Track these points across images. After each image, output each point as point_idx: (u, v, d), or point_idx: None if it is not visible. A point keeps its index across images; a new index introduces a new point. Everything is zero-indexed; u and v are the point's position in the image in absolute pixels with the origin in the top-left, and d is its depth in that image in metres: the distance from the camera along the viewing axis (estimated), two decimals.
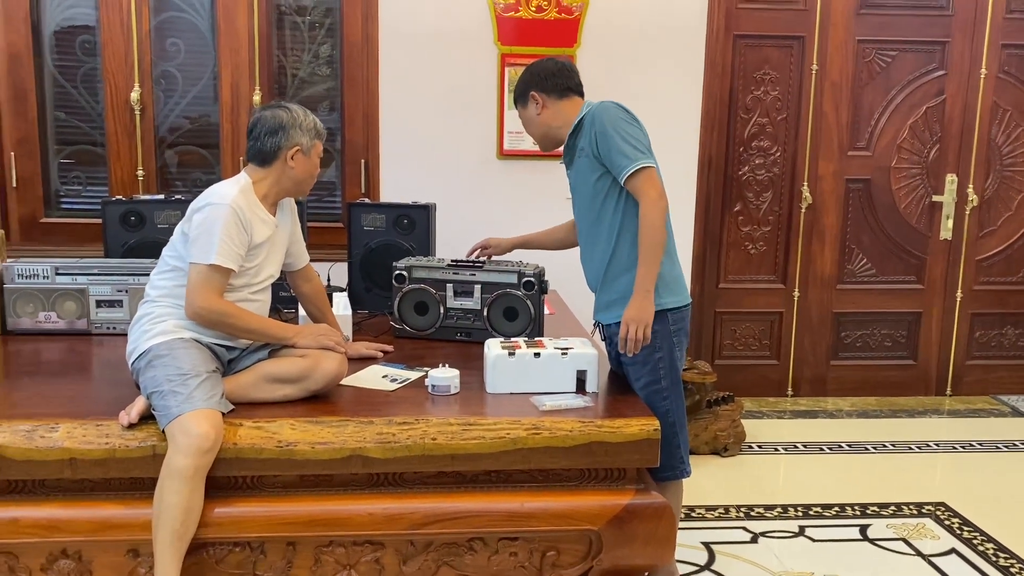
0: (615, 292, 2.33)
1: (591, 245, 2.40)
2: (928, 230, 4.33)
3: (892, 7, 4.11)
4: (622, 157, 2.22)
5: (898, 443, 3.82)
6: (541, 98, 2.39)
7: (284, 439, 1.96)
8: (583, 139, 2.33)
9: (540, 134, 2.47)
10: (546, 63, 2.44)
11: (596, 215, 2.34)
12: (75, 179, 3.87)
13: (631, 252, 2.27)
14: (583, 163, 2.34)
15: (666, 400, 2.29)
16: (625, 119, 2.27)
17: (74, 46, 3.75)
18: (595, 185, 2.32)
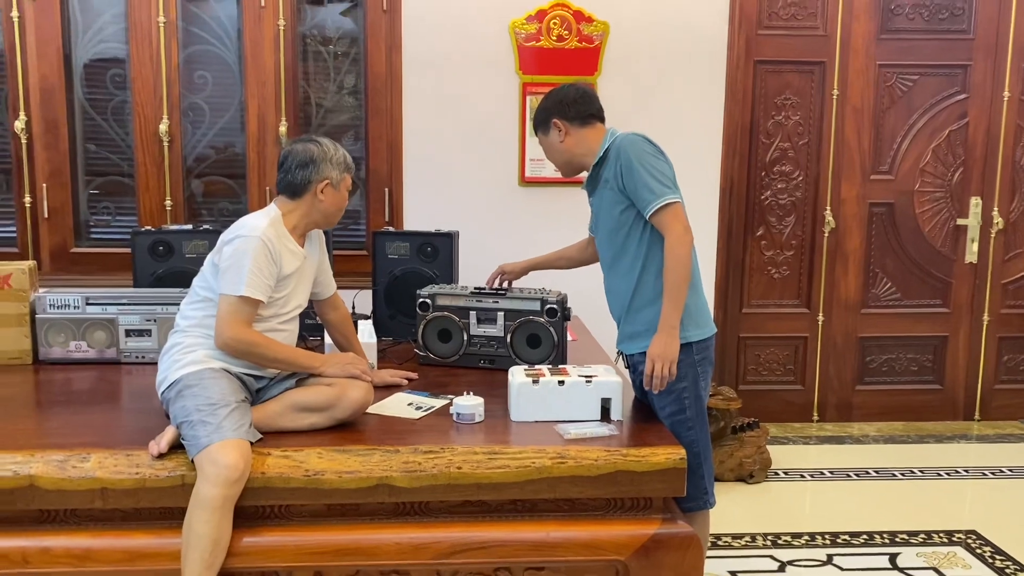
0: (639, 324, 2.33)
1: (614, 276, 2.40)
2: (953, 253, 4.30)
3: (913, 32, 4.12)
4: (648, 192, 2.22)
5: (926, 469, 3.78)
6: (563, 125, 2.38)
7: (311, 468, 1.98)
8: (608, 170, 2.33)
9: (563, 161, 2.47)
10: (567, 90, 2.43)
11: (620, 246, 2.34)
12: (104, 209, 3.94)
13: (655, 284, 2.27)
14: (607, 194, 2.34)
15: (691, 431, 2.28)
16: (651, 152, 2.27)
17: (105, 79, 3.84)
18: (619, 217, 2.31)
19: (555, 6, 3.80)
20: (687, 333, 2.25)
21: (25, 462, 1.94)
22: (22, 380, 2.62)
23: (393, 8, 3.75)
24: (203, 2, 3.82)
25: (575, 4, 3.80)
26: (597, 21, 3.82)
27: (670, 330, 2.20)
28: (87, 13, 3.79)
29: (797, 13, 4.07)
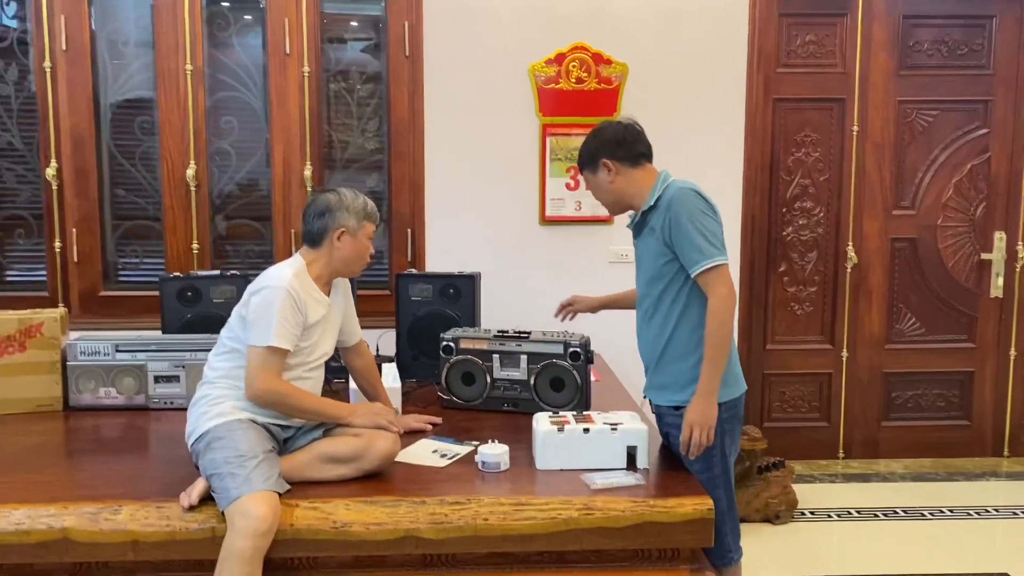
0: (669, 376, 2.33)
1: (648, 320, 2.38)
2: (978, 288, 4.27)
3: (932, 68, 4.13)
4: (696, 252, 2.20)
5: (956, 508, 3.73)
6: (613, 165, 2.35)
7: (339, 520, 1.99)
8: (656, 218, 2.29)
9: (611, 201, 2.43)
10: (615, 129, 2.39)
11: (658, 295, 2.32)
12: (132, 252, 4.01)
13: (689, 339, 2.27)
14: (652, 243, 2.31)
15: (717, 488, 2.25)
16: (704, 210, 2.24)
17: (133, 126, 3.92)
18: (661, 268, 2.29)
19: (574, 49, 3.84)
20: (724, 391, 2.24)
21: (58, 515, 1.97)
22: (53, 427, 2.66)
23: (415, 53, 3.82)
24: (229, 49, 3.91)
25: (594, 47, 3.84)
26: (616, 63, 3.86)
27: (709, 395, 2.18)
28: (117, 62, 3.88)
29: (815, 51, 4.09)
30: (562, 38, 3.85)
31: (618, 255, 3.94)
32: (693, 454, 2.20)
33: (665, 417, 2.35)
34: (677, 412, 2.29)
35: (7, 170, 3.91)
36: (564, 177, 3.89)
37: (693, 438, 2.18)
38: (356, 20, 4.01)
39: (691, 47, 3.89)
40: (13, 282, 3.98)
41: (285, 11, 3.79)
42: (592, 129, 2.45)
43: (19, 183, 3.92)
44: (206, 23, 3.84)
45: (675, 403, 2.30)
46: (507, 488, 2.12)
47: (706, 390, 2.18)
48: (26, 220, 3.93)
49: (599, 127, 2.43)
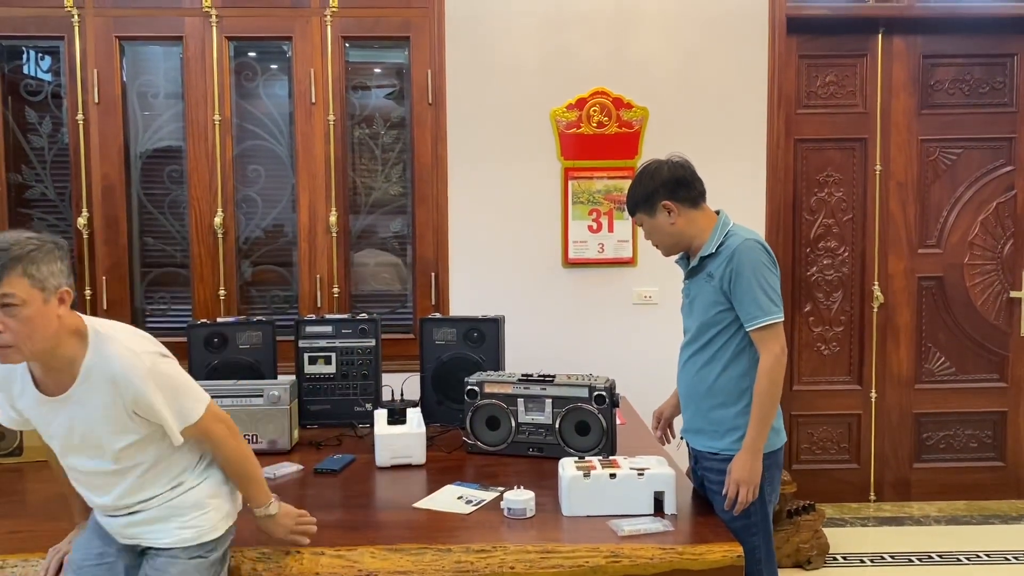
0: (707, 422, 2.31)
1: (693, 365, 2.35)
2: (1008, 326, 4.22)
3: (954, 106, 4.13)
4: (756, 307, 2.18)
5: (992, 553, 3.64)
6: (675, 207, 2.30)
7: (365, 568, 1.98)
8: (716, 265, 2.26)
9: (670, 244, 2.37)
10: (673, 169, 2.33)
11: (706, 340, 2.30)
12: (160, 299, 4.06)
13: (734, 387, 2.25)
14: (708, 289, 2.28)
15: (754, 536, 2.22)
16: (767, 265, 2.22)
17: (162, 175, 3.99)
18: (714, 316, 2.27)
19: (595, 94, 3.88)
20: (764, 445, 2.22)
21: None
22: None
23: (438, 101, 3.88)
24: (256, 100, 3.99)
25: (614, 91, 3.89)
26: (636, 107, 3.89)
27: (754, 454, 2.17)
28: (147, 113, 3.97)
29: (836, 92, 4.11)
30: (583, 83, 3.89)
31: (642, 297, 3.94)
32: (737, 511, 2.19)
33: (702, 460, 2.34)
34: (715, 457, 2.28)
35: (39, 219, 3.99)
36: (587, 220, 3.90)
37: (740, 496, 2.16)
38: (380, 67, 4.08)
39: (711, 90, 3.92)
40: None
41: (311, 61, 3.87)
42: (642, 169, 2.38)
43: (51, 232, 3.98)
44: (234, 74, 3.93)
45: (713, 449, 2.29)
46: (533, 535, 2.10)
47: (753, 448, 2.17)
48: None
49: (651, 167, 2.36)
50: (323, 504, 2.36)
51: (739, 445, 2.22)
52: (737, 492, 2.18)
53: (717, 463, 2.27)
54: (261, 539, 2.05)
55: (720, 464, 2.27)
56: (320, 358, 3.20)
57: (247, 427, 2.80)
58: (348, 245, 4.01)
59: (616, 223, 3.91)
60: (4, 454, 2.76)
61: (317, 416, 3.19)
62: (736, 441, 2.24)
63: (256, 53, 4.00)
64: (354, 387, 3.21)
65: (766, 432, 2.18)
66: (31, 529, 2.18)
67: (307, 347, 3.20)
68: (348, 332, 3.21)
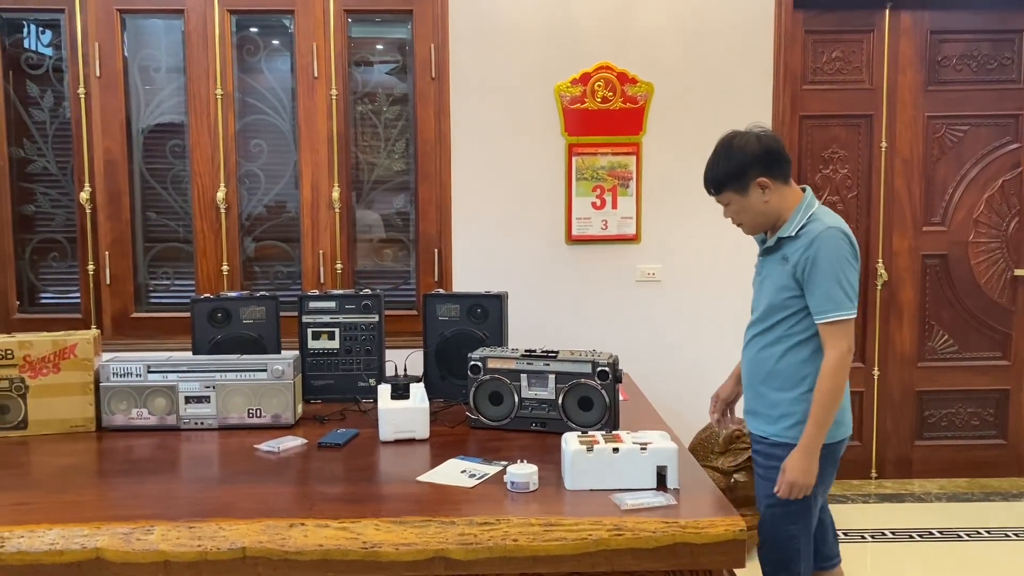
0: (764, 405, 2.26)
1: (755, 342, 2.29)
2: (1012, 304, 4.21)
3: (961, 83, 4.10)
4: (829, 301, 2.08)
5: (993, 530, 3.66)
6: (771, 183, 2.16)
7: (369, 540, 1.99)
8: (793, 250, 2.15)
9: (760, 223, 2.24)
10: (764, 141, 2.18)
11: (772, 323, 2.23)
12: (163, 274, 4.06)
13: (794, 373, 2.19)
14: (781, 272, 2.18)
15: (794, 524, 2.17)
16: (849, 258, 2.11)
17: (164, 150, 3.98)
18: (784, 301, 2.18)
19: (599, 69, 3.86)
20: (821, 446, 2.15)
21: (92, 535, 1.99)
22: (86, 448, 2.68)
23: (441, 76, 3.85)
24: (258, 74, 3.97)
25: (619, 66, 3.86)
26: (641, 82, 3.87)
27: (811, 454, 2.09)
28: (149, 88, 3.95)
29: (842, 67, 4.08)
30: (587, 58, 3.87)
31: (645, 274, 3.94)
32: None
33: (754, 444, 2.33)
34: (764, 442, 2.25)
35: (42, 194, 3.99)
36: (590, 196, 3.89)
37: (792, 494, 2.11)
38: (382, 43, 4.06)
39: (716, 65, 3.89)
40: (47, 304, 4.05)
41: (313, 36, 3.84)
42: (725, 143, 2.23)
43: (54, 207, 3.99)
44: (236, 48, 3.91)
45: (764, 433, 2.25)
46: (536, 509, 2.11)
47: (809, 448, 2.09)
48: (60, 243, 4.01)
49: (738, 140, 2.19)
50: (327, 477, 2.37)
51: (791, 433, 2.17)
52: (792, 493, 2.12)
53: (766, 447, 2.22)
54: (263, 512, 2.06)
55: (769, 449, 2.22)
56: (323, 333, 3.20)
57: (251, 402, 2.81)
58: (351, 221, 4.00)
59: (620, 199, 3.90)
60: (9, 427, 2.77)
61: (321, 391, 3.19)
62: (789, 428, 2.19)
63: (258, 28, 3.97)
64: (357, 362, 3.21)
65: (824, 433, 2.09)
66: (36, 501, 2.19)
67: (310, 322, 3.20)
68: (351, 308, 3.20)
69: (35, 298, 4.05)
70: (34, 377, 2.79)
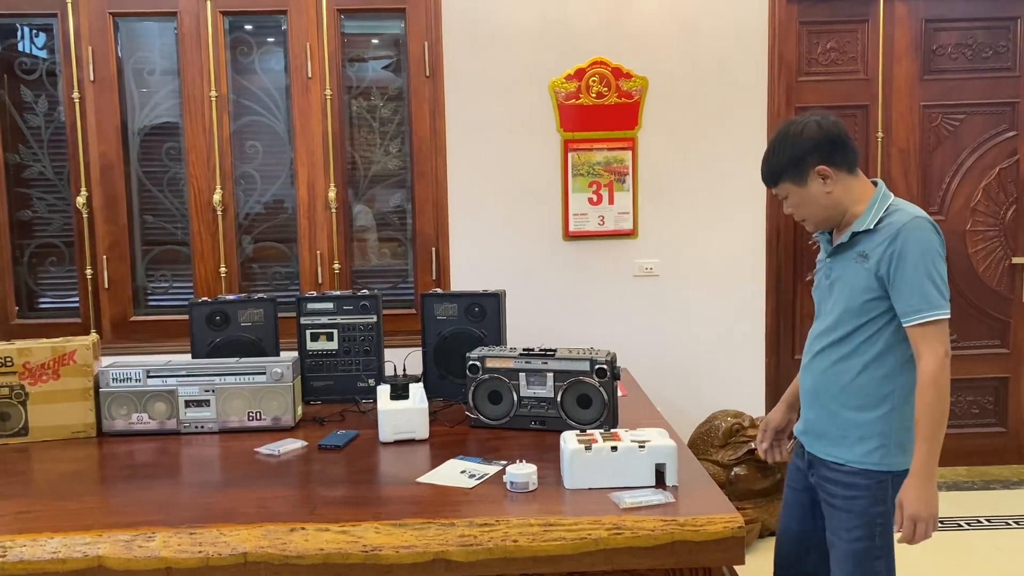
0: (839, 427, 2.07)
1: (826, 355, 2.09)
2: (1010, 292, 4.21)
3: (956, 71, 4.09)
4: (921, 300, 1.91)
5: (993, 518, 3.67)
6: (833, 172, 1.99)
7: (369, 543, 1.99)
8: (873, 245, 1.97)
9: (824, 217, 2.06)
10: (826, 127, 2.00)
11: (849, 332, 2.03)
12: (161, 277, 4.06)
13: (876, 389, 2.01)
14: (859, 271, 2.00)
15: (877, 560, 2.02)
16: (939, 251, 1.94)
17: (160, 152, 3.98)
18: (864, 304, 1.99)
19: (594, 64, 3.85)
20: (902, 459, 1.99)
21: (93, 543, 1.99)
22: (87, 454, 2.69)
23: (435, 74, 3.85)
24: (252, 75, 3.96)
25: (613, 61, 3.85)
26: (636, 76, 3.86)
27: (928, 479, 1.88)
28: (144, 90, 3.95)
29: (837, 58, 4.07)
30: (581, 54, 3.86)
31: (643, 269, 3.94)
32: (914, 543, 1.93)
33: (819, 469, 2.13)
34: (840, 469, 2.06)
35: (39, 199, 3.99)
36: (587, 192, 3.89)
37: (917, 532, 1.89)
38: (377, 38, 4.05)
39: (711, 58, 3.89)
40: (46, 309, 4.06)
41: (306, 35, 3.84)
42: (783, 130, 2.06)
43: (50, 212, 3.99)
44: (229, 49, 3.90)
45: (839, 460, 2.07)
46: (536, 508, 2.12)
47: (926, 473, 1.88)
48: (58, 248, 4.01)
49: (796, 127, 2.02)
50: (327, 480, 2.37)
51: (873, 458, 2.02)
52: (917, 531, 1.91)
53: (844, 475, 2.04)
54: (264, 516, 2.06)
55: (847, 478, 2.04)
56: (322, 335, 3.21)
57: (251, 405, 2.82)
58: (348, 220, 4.00)
59: (616, 195, 3.89)
60: (10, 434, 2.78)
61: (320, 392, 3.20)
62: (870, 452, 2.02)
63: (252, 26, 3.96)
64: (356, 363, 3.21)
65: (938, 452, 1.89)
66: (38, 509, 2.20)
67: (309, 324, 3.20)
68: (349, 308, 3.21)
69: (34, 303, 4.05)
70: (34, 384, 2.79)
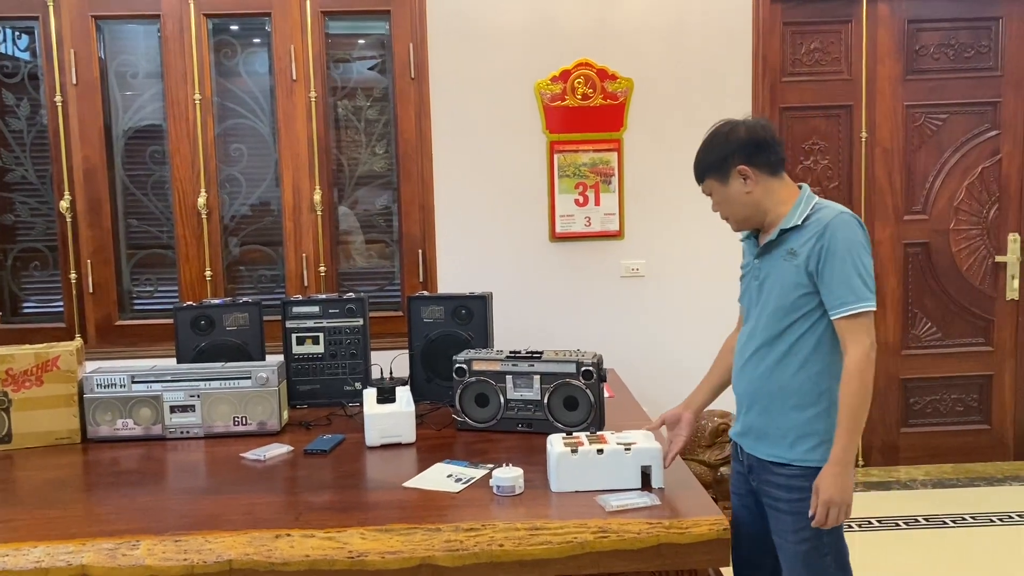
0: (777, 427, 2.07)
1: (761, 356, 2.09)
2: (993, 291, 4.24)
3: (939, 71, 4.12)
4: (848, 291, 1.92)
5: (978, 515, 3.69)
6: (752, 173, 2.04)
7: (355, 549, 1.99)
8: (801, 242, 1.99)
9: (744, 216, 2.11)
10: (752, 129, 2.07)
11: (781, 330, 2.04)
12: (147, 281, 4.04)
13: (813, 387, 2.02)
14: (788, 269, 2.01)
15: (825, 556, 2.03)
16: (864, 246, 1.96)
17: (144, 155, 3.96)
18: (795, 301, 2.00)
19: (579, 65, 3.85)
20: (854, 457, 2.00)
21: (77, 552, 1.98)
22: (71, 461, 2.67)
23: (420, 75, 3.84)
24: (236, 77, 3.94)
25: (598, 63, 3.86)
26: (621, 78, 3.86)
27: (846, 467, 1.92)
28: (127, 94, 3.93)
29: (821, 59, 4.09)
30: (567, 55, 3.86)
31: (629, 269, 3.95)
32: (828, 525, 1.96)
33: (760, 472, 2.12)
34: (783, 470, 2.05)
35: (21, 203, 3.96)
36: (573, 193, 3.89)
37: (830, 517, 1.92)
38: (363, 39, 4.03)
39: (696, 59, 3.90)
40: (30, 314, 4.03)
41: (290, 38, 3.82)
42: (713, 130, 2.14)
43: (33, 216, 3.97)
44: (213, 52, 3.89)
45: (782, 460, 2.06)
46: (522, 512, 2.12)
47: (845, 460, 1.91)
48: (41, 252, 3.98)
49: (725, 128, 2.10)
50: (313, 485, 2.37)
51: (813, 456, 2.01)
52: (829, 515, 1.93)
53: (784, 479, 2.04)
54: (249, 523, 2.06)
55: (788, 480, 2.04)
56: (308, 338, 3.20)
57: (236, 410, 2.81)
58: (334, 223, 3.99)
59: (602, 196, 3.90)
60: None
61: (306, 396, 3.19)
62: (810, 451, 2.02)
63: (237, 27, 3.94)
64: (343, 366, 3.21)
65: (856, 441, 1.93)
66: (21, 518, 2.18)
67: (294, 327, 3.19)
68: (335, 312, 3.20)
69: (17, 308, 4.03)
70: (17, 391, 2.77)
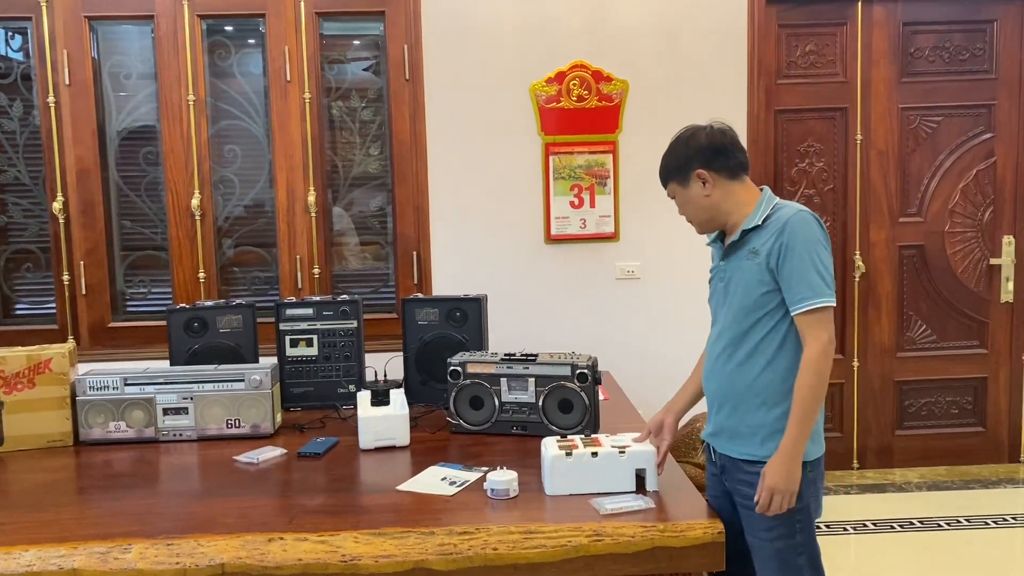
0: (745, 424, 2.08)
1: (727, 356, 2.11)
2: (988, 293, 4.25)
3: (934, 74, 4.12)
4: (807, 287, 1.95)
5: (973, 518, 3.69)
6: (710, 177, 2.07)
7: (348, 553, 1.98)
8: (762, 241, 2.02)
9: (704, 219, 2.14)
10: (712, 135, 2.10)
11: (747, 329, 2.06)
12: (140, 283, 4.02)
13: (780, 385, 2.03)
14: (751, 268, 2.04)
15: (800, 556, 2.02)
16: (823, 242, 1.99)
17: (138, 157, 3.94)
18: (759, 299, 2.03)
19: (574, 67, 3.85)
20: (813, 448, 2.02)
21: (68, 555, 1.97)
22: (64, 464, 2.66)
23: (415, 77, 3.83)
24: (231, 79, 3.93)
25: (594, 64, 3.85)
26: (616, 80, 3.86)
27: (793, 457, 1.94)
28: (121, 95, 3.91)
29: (816, 61, 4.09)
30: (562, 57, 3.86)
31: (624, 271, 3.94)
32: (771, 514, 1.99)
33: (733, 471, 2.12)
34: (754, 467, 2.05)
35: (14, 204, 3.94)
36: (568, 195, 3.89)
37: (773, 505, 1.95)
38: (358, 40, 4.02)
39: (691, 61, 3.89)
40: (23, 315, 4.01)
41: (285, 39, 3.81)
42: (676, 136, 2.17)
43: (26, 217, 3.95)
44: (207, 53, 3.87)
45: (753, 457, 2.06)
46: (516, 516, 2.11)
47: (793, 451, 1.94)
48: (34, 254, 3.96)
49: (686, 134, 2.15)
50: (306, 488, 2.36)
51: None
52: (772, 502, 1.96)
53: (756, 476, 2.03)
54: (242, 526, 2.05)
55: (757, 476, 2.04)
56: (302, 340, 3.18)
57: (229, 412, 2.80)
58: (328, 225, 3.98)
59: (598, 198, 3.89)
60: None
61: (300, 399, 3.18)
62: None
63: (232, 27, 3.93)
64: (337, 369, 3.20)
65: (807, 433, 1.95)
66: (12, 521, 2.17)
67: (288, 330, 3.18)
68: (329, 314, 3.19)
69: (10, 310, 4.01)
70: (9, 393, 2.76)
